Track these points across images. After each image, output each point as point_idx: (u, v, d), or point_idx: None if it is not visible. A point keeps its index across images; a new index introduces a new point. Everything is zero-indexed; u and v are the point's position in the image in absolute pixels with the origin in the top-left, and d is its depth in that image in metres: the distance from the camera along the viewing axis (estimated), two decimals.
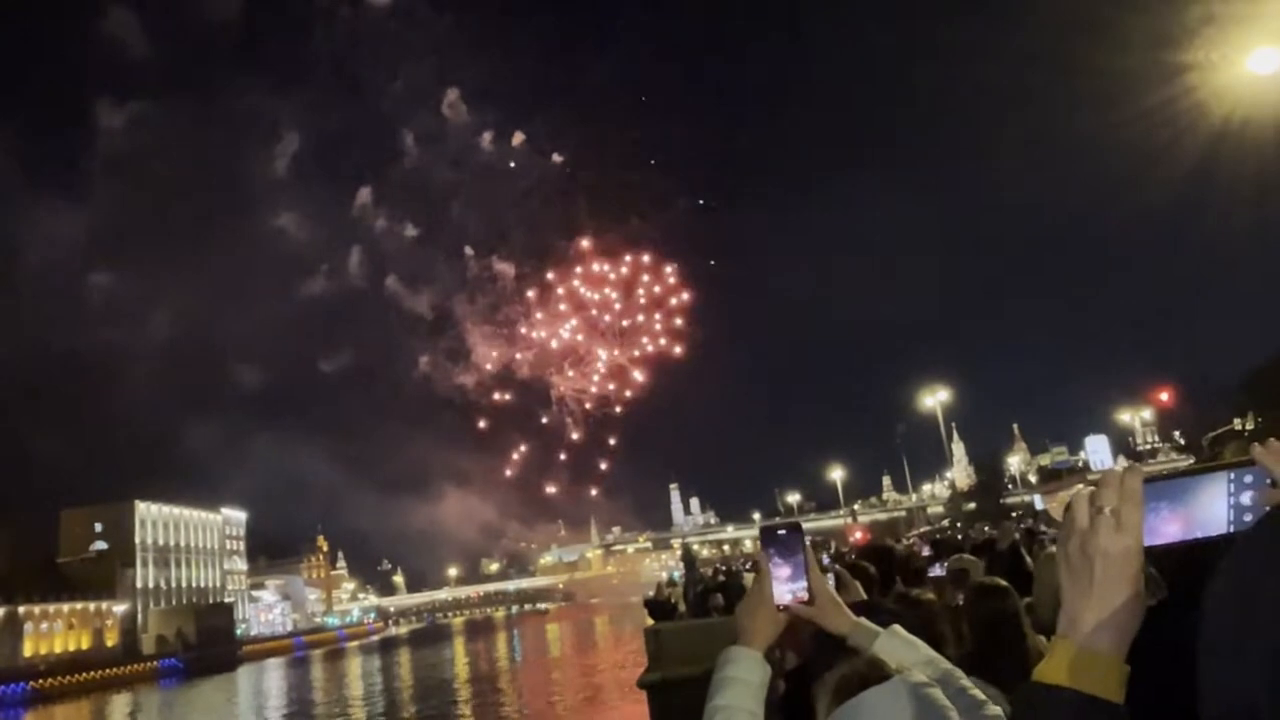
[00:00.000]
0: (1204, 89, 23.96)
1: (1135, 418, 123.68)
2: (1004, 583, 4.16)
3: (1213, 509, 1.11)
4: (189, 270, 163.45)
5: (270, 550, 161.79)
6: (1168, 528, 1.12)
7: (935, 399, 63.84)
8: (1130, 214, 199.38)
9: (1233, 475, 1.11)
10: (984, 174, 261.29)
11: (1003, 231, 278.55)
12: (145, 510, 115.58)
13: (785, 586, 1.93)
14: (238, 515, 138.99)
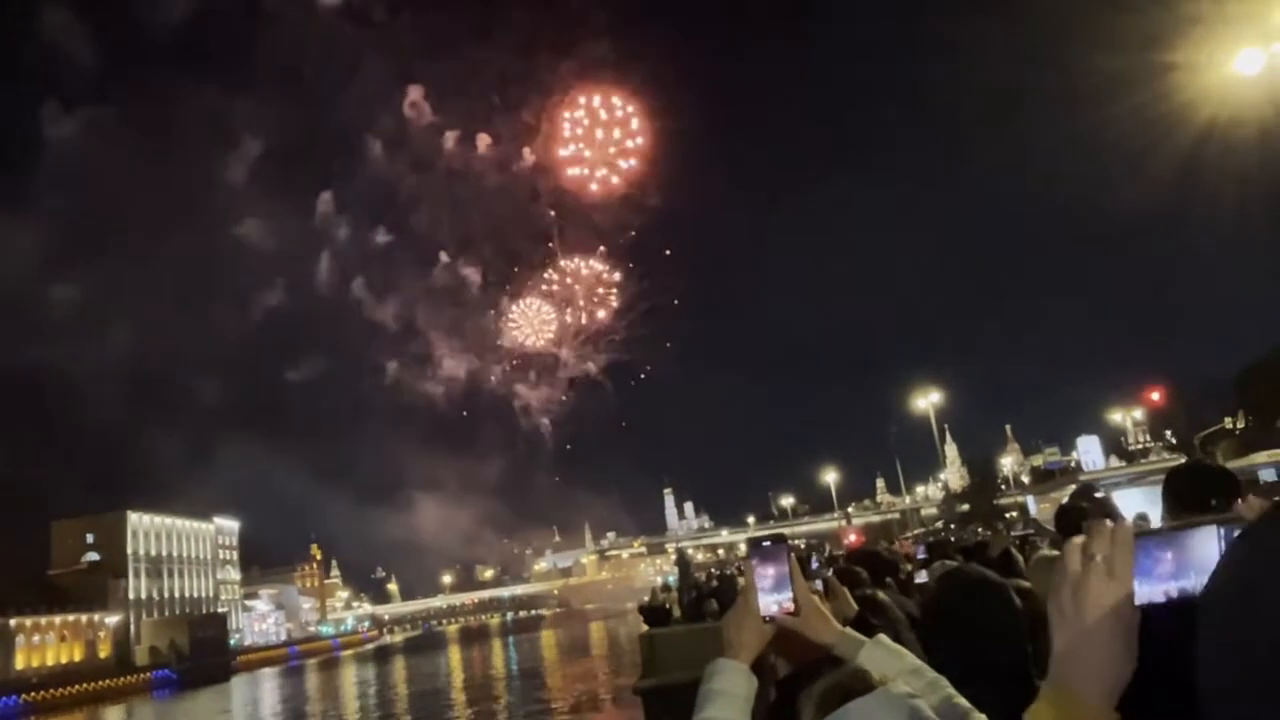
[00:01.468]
0: (1190, 89, 24.06)
1: (1127, 418, 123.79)
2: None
3: (1204, 562, 1.11)
4: (151, 280, 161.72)
5: (264, 560, 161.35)
6: (1159, 579, 1.13)
7: (927, 401, 63.94)
8: (1119, 213, 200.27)
9: (1222, 530, 1.10)
10: (977, 174, 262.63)
11: (993, 232, 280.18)
12: (137, 521, 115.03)
13: (770, 597, 1.94)
14: (230, 525, 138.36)
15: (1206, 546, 1.11)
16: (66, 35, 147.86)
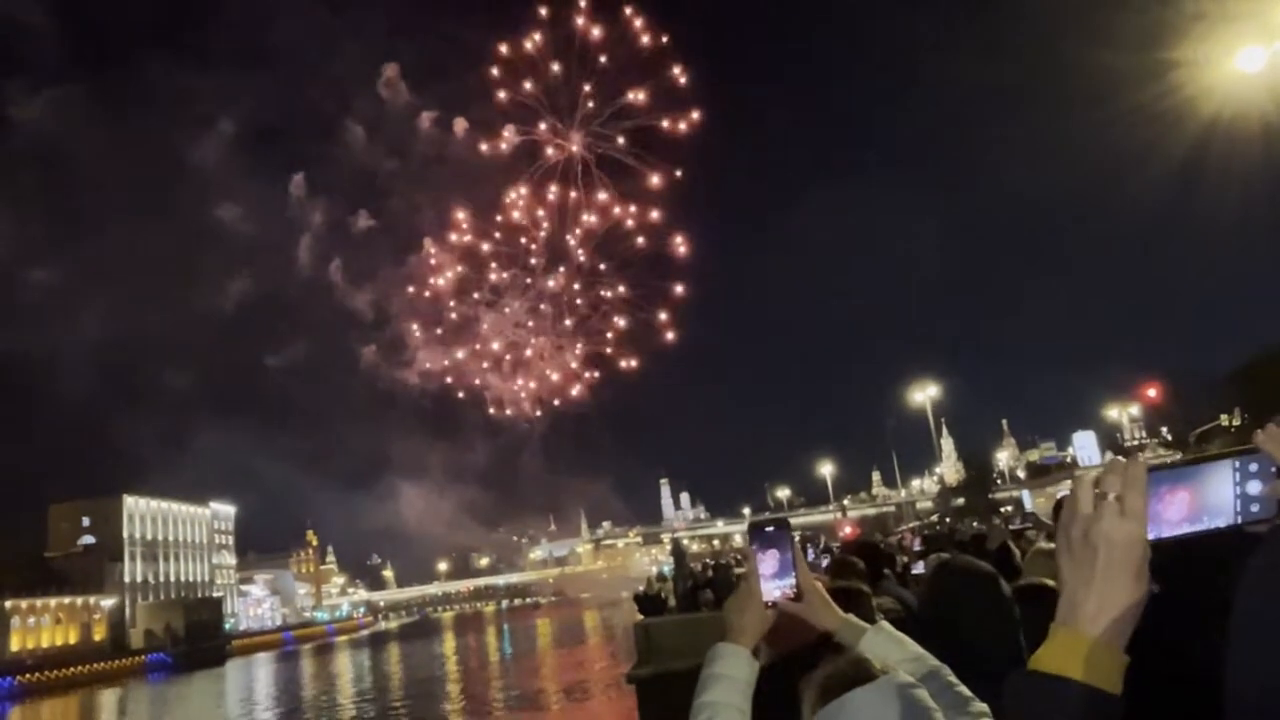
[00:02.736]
0: (1192, 86, 24.03)
1: (1123, 414, 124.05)
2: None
3: (1219, 498, 1.09)
4: (126, 263, 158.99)
5: (258, 545, 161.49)
6: (1172, 517, 1.10)
7: (925, 395, 63.95)
8: (1118, 211, 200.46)
9: (1238, 463, 1.08)
10: (976, 172, 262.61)
11: (992, 229, 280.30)
12: (133, 504, 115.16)
13: (773, 583, 1.94)
14: (226, 509, 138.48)
15: (1221, 482, 1.09)
16: (28, 11, 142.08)
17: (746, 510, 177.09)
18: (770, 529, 1.97)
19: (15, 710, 68.16)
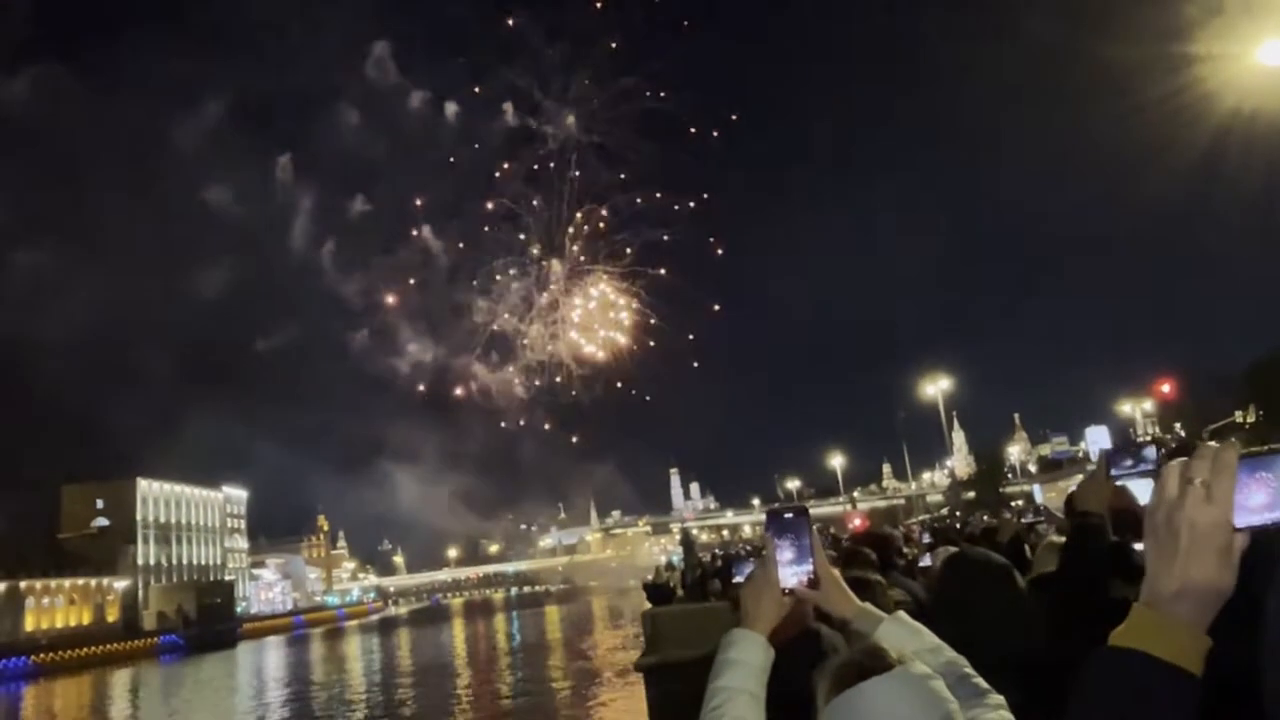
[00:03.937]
0: (1212, 80, 23.90)
1: (1136, 409, 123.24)
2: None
3: None
4: (109, 247, 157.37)
5: (271, 529, 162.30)
6: (1254, 504, 1.08)
7: (936, 387, 63.76)
8: (1135, 205, 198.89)
9: None
10: (988, 165, 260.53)
11: (1006, 222, 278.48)
12: (147, 487, 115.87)
13: (790, 570, 1.95)
14: (239, 493, 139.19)
15: None
16: None
17: (756, 501, 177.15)
18: (788, 516, 1.99)
19: (30, 689, 68.79)
